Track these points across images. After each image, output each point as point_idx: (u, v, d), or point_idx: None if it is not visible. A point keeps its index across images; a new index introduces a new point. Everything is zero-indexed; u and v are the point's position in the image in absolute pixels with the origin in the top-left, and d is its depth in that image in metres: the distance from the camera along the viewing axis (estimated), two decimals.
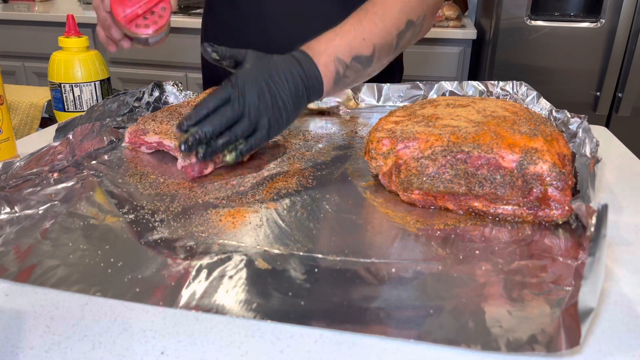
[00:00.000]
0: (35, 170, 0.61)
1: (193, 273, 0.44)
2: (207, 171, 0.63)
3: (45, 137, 0.75)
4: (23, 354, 0.35)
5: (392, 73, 0.98)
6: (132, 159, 0.68)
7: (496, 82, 0.88)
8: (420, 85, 0.90)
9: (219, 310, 0.39)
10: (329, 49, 0.64)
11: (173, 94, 0.91)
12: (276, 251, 0.47)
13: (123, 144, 0.73)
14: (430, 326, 0.38)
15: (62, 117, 0.85)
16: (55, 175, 0.62)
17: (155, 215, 0.53)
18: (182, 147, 0.55)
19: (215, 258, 0.46)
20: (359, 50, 0.66)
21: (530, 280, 0.43)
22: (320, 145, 0.73)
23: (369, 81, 0.88)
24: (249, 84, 0.57)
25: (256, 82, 0.57)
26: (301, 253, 0.47)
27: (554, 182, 0.50)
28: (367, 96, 0.91)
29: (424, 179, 0.54)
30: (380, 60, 0.71)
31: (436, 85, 0.90)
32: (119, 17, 0.67)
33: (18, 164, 0.59)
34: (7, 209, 0.53)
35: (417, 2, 0.72)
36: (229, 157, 0.58)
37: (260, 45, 0.71)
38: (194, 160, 0.61)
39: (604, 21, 1.77)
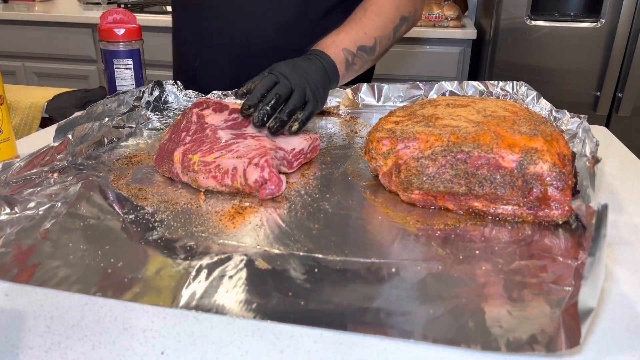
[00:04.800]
0: (35, 170, 0.61)
1: (193, 273, 0.44)
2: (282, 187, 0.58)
3: (45, 137, 0.75)
4: (23, 354, 0.35)
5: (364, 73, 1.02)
6: (132, 160, 0.68)
7: (496, 82, 0.88)
8: (420, 85, 0.90)
9: (219, 310, 0.39)
10: (336, 41, 0.77)
11: (173, 93, 0.91)
12: (276, 251, 0.47)
13: (122, 144, 0.73)
14: (430, 326, 0.38)
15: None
16: (55, 175, 0.62)
17: (155, 215, 0.53)
18: (257, 123, 0.64)
19: (215, 258, 0.46)
20: (362, 42, 0.80)
21: (530, 280, 0.43)
22: (320, 145, 0.73)
23: (360, 80, 0.89)
24: (284, 69, 0.68)
25: (290, 67, 0.69)
26: (301, 253, 0.47)
27: (554, 182, 0.50)
28: (367, 96, 0.91)
29: (424, 179, 0.54)
30: (381, 48, 0.84)
31: (436, 85, 0.90)
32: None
33: (18, 164, 0.59)
34: (7, 210, 0.53)
35: (407, 1, 0.86)
36: (295, 127, 0.67)
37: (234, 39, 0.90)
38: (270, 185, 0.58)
39: (604, 21, 1.77)
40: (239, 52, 0.92)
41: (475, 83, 0.89)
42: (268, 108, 0.65)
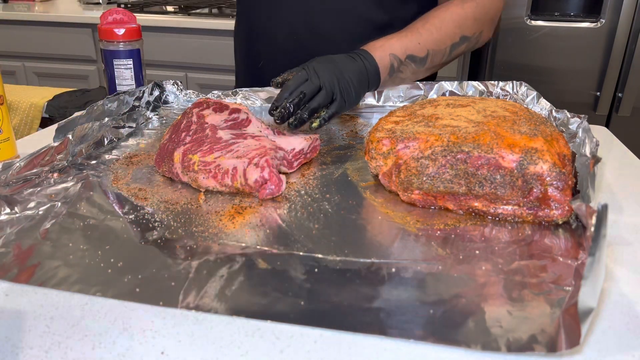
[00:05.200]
0: (35, 170, 0.61)
1: (193, 273, 0.44)
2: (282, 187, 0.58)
3: (45, 137, 0.75)
4: (23, 354, 0.35)
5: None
6: (132, 160, 0.68)
7: (496, 82, 0.88)
8: (420, 85, 0.90)
9: (219, 310, 0.39)
10: (384, 46, 0.76)
11: (173, 94, 0.91)
12: (276, 251, 0.47)
13: (122, 144, 0.73)
14: (430, 326, 0.38)
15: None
16: (55, 175, 0.62)
17: (155, 215, 0.53)
18: (277, 120, 0.66)
19: (215, 258, 0.46)
20: (413, 52, 0.79)
21: (530, 280, 0.43)
22: (320, 145, 0.73)
23: None
24: (319, 66, 0.69)
25: (325, 63, 0.69)
26: (301, 253, 0.47)
27: (554, 182, 0.50)
28: (367, 96, 0.91)
29: (424, 179, 0.54)
30: (433, 62, 0.83)
31: (436, 85, 0.90)
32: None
33: (18, 164, 0.59)
34: (7, 210, 0.53)
35: (472, 21, 0.83)
36: (315, 124, 0.68)
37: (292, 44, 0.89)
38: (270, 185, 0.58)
39: (604, 21, 1.77)
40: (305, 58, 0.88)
41: (475, 83, 0.89)
42: (289, 105, 0.65)
